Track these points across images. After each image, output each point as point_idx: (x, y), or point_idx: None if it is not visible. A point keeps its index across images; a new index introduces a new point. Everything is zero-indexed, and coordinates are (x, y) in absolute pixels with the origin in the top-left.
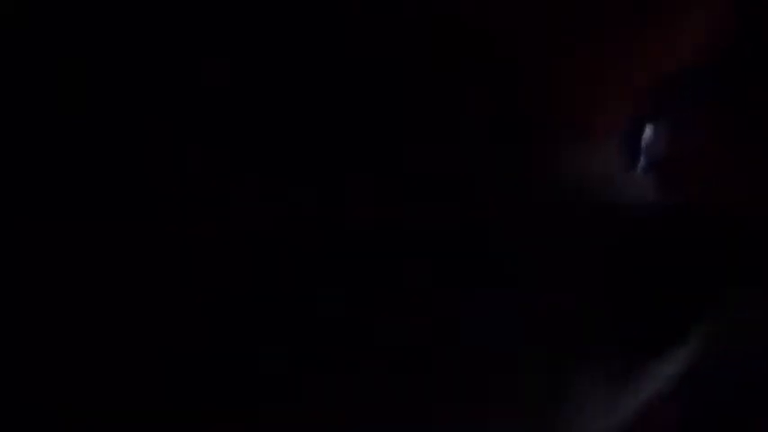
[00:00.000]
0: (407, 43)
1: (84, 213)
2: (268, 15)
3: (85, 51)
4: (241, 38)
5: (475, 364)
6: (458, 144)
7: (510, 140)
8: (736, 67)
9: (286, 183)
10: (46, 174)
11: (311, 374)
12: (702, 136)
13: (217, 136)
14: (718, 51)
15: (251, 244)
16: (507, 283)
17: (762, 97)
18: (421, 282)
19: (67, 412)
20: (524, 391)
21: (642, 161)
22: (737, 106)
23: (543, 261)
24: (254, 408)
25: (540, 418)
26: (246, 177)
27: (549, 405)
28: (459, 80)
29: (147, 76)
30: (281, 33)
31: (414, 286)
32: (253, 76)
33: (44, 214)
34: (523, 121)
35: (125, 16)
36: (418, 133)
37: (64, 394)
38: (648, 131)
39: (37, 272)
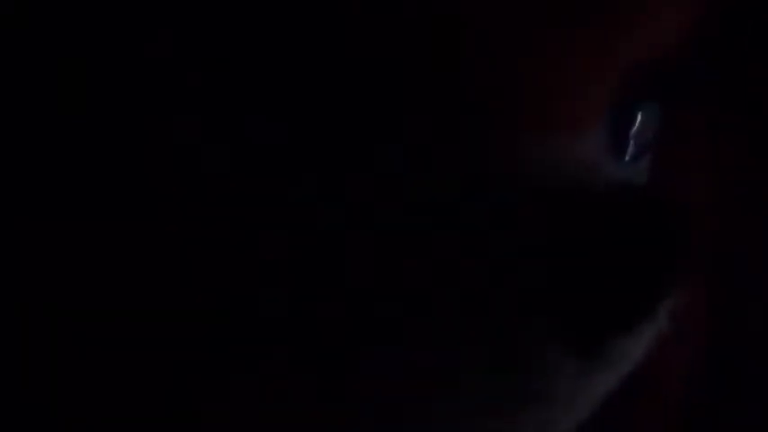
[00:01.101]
0: (407, 43)
1: (83, 213)
2: (269, 15)
3: (85, 51)
4: (241, 37)
5: (448, 341)
6: (458, 144)
7: (480, 128)
8: (723, 55)
9: (285, 183)
10: (46, 174)
11: (312, 375)
12: (691, 124)
13: (216, 135)
14: (700, 39)
15: (250, 244)
16: (472, 263)
17: (754, 86)
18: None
19: (67, 412)
20: (496, 368)
21: (632, 149)
22: (728, 96)
23: (513, 239)
24: (253, 408)
25: (512, 394)
26: (245, 177)
27: (519, 381)
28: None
29: (147, 76)
30: (282, 33)
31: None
32: (252, 76)
33: (44, 214)
34: (491, 109)
35: (126, 15)
36: (417, 130)
37: (63, 394)
38: (639, 119)
39: (37, 271)
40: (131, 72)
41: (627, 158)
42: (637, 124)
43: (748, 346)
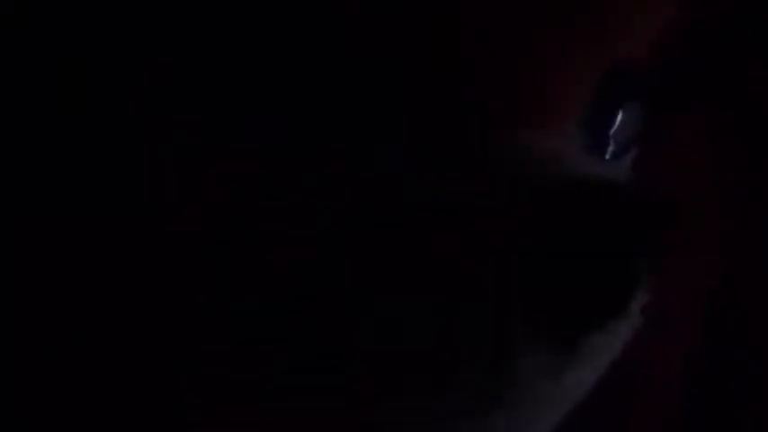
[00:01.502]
0: (407, 43)
1: (83, 213)
2: (269, 14)
3: (86, 51)
4: (241, 37)
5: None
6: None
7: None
8: (723, 55)
9: (285, 183)
10: (45, 173)
11: (312, 374)
12: (691, 125)
13: (216, 137)
14: (680, 39)
15: (250, 243)
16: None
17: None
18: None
19: (64, 411)
20: (465, 366)
21: (612, 147)
22: (728, 96)
23: (486, 231)
24: (252, 408)
25: (482, 392)
26: (245, 177)
27: (491, 379)
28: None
29: (147, 75)
30: (282, 32)
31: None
32: (252, 76)
33: (44, 214)
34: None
35: (126, 15)
36: (417, 131)
37: (61, 393)
38: (619, 118)
39: (36, 271)
40: (131, 71)
41: (607, 157)
42: (617, 124)
43: (747, 347)
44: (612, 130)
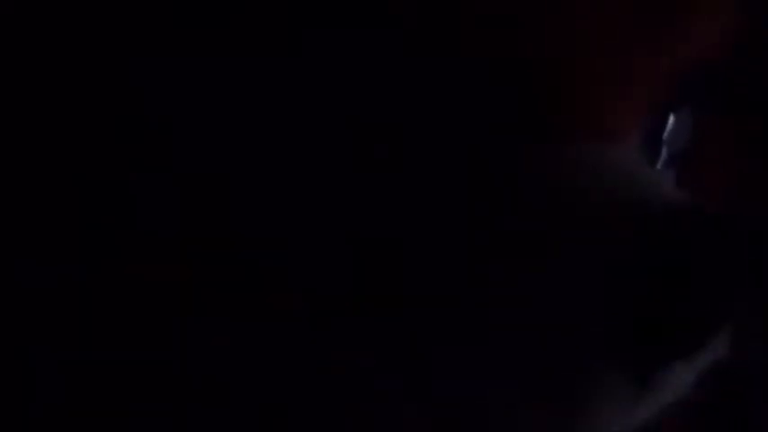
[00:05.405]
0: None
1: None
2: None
3: (85, 51)
4: (241, 37)
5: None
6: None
7: (528, 139)
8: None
9: (286, 187)
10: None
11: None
12: (720, 131)
13: (218, 140)
14: (732, 47)
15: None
16: (520, 279)
17: None
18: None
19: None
20: (544, 390)
21: (664, 154)
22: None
23: (558, 256)
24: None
25: (561, 415)
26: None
27: (570, 402)
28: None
29: (148, 74)
30: (282, 33)
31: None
32: (252, 76)
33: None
34: (542, 119)
35: (128, 16)
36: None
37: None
38: (671, 125)
39: None
40: (132, 71)
41: (659, 166)
42: (669, 129)
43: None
44: (665, 136)
